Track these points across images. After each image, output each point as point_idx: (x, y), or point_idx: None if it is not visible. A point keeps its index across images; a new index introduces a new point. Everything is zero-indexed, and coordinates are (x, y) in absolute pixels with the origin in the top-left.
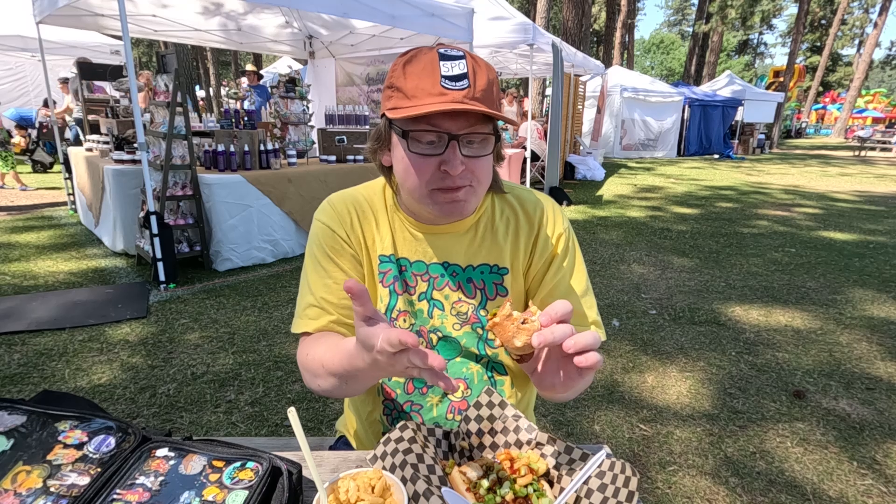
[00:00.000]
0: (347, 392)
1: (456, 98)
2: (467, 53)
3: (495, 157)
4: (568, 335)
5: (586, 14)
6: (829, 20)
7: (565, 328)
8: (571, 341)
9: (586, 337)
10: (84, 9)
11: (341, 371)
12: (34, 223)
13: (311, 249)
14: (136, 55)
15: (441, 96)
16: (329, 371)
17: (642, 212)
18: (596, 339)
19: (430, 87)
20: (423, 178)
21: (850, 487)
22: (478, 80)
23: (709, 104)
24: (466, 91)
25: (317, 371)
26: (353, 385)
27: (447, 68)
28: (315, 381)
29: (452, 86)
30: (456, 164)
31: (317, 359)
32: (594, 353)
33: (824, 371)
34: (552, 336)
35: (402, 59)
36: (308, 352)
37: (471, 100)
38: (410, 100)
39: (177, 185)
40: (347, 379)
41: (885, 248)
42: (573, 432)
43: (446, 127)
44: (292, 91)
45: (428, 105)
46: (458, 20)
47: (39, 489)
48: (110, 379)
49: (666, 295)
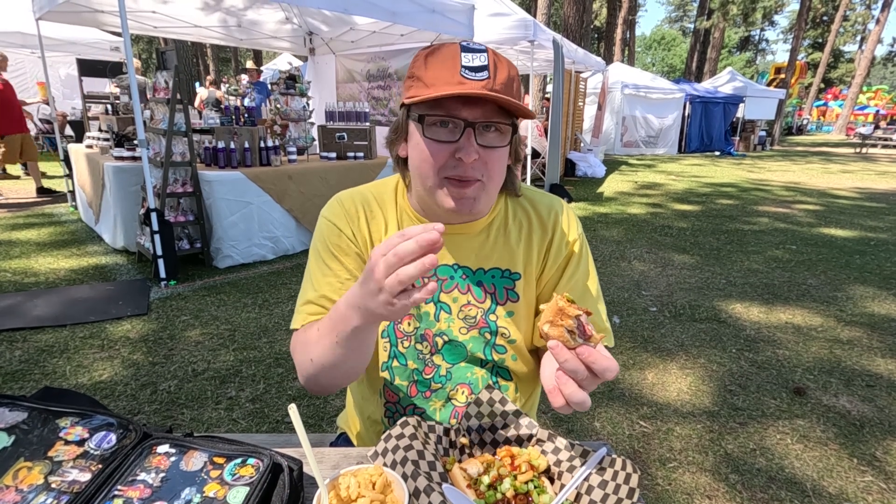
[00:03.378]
0: (340, 363)
1: (475, 88)
2: (490, 49)
3: (513, 157)
4: (572, 392)
5: (587, 10)
6: (830, 16)
7: (573, 391)
8: (568, 391)
9: (577, 395)
10: (83, 5)
11: (334, 335)
12: (35, 220)
13: (316, 246)
14: (135, 52)
15: (460, 85)
16: (324, 334)
17: (643, 209)
18: (583, 402)
19: (450, 76)
20: (436, 164)
21: (849, 484)
22: (498, 73)
23: (710, 101)
24: (486, 82)
25: (309, 340)
26: (347, 351)
27: (468, 59)
28: (307, 355)
29: (472, 76)
30: (470, 152)
31: (311, 329)
32: (579, 395)
33: (825, 368)
34: (563, 381)
35: (425, 51)
36: (305, 332)
37: (490, 90)
38: (429, 88)
39: (177, 181)
40: (340, 342)
41: (886, 245)
42: (573, 429)
43: (464, 115)
44: (292, 88)
45: (445, 90)
46: (459, 16)
47: (41, 485)
48: (111, 375)
49: (666, 292)
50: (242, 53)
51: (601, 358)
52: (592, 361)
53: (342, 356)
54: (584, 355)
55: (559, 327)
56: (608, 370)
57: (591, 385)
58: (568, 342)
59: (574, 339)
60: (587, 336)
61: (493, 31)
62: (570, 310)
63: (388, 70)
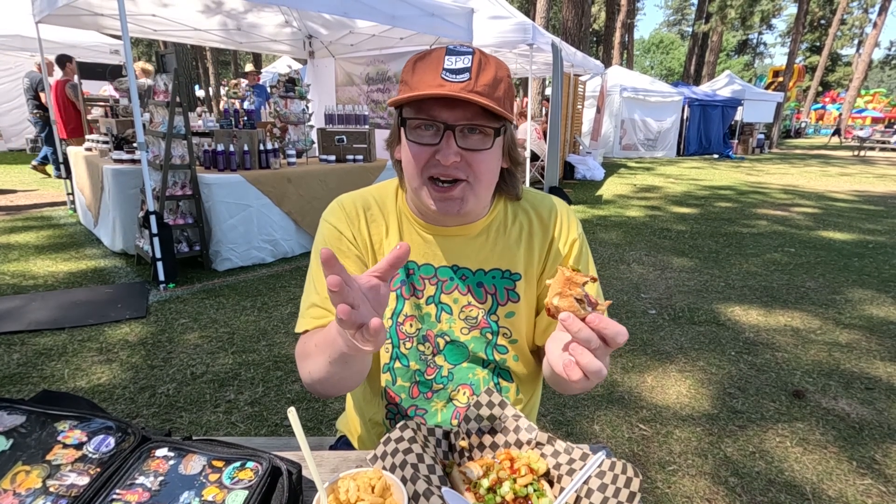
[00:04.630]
0: (335, 381)
1: (453, 89)
2: (478, 51)
3: (510, 160)
4: (589, 360)
5: (586, 14)
6: (828, 20)
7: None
8: (585, 360)
9: (594, 364)
10: (83, 8)
11: (326, 354)
12: (33, 223)
13: (318, 249)
14: (135, 55)
15: (439, 88)
16: (320, 350)
17: (642, 212)
18: (600, 370)
19: (431, 79)
20: (418, 165)
21: (849, 487)
22: (482, 75)
23: (708, 104)
24: (465, 84)
25: (308, 354)
26: (338, 372)
27: (451, 62)
28: (306, 367)
29: (452, 78)
30: (448, 154)
31: (311, 342)
32: (595, 363)
33: (823, 371)
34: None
35: (416, 56)
36: (307, 341)
37: (469, 92)
38: (413, 91)
39: (176, 184)
40: (332, 363)
41: (885, 248)
42: (573, 432)
43: (443, 118)
44: (292, 91)
45: (423, 91)
46: (458, 20)
47: (39, 489)
48: (110, 379)
49: (665, 295)
50: (242, 57)
51: (611, 323)
52: (604, 327)
53: (336, 374)
54: (595, 322)
55: (568, 297)
56: (619, 334)
57: (604, 354)
58: (578, 311)
59: (584, 307)
60: (594, 304)
61: (492, 34)
62: (578, 278)
63: (387, 73)
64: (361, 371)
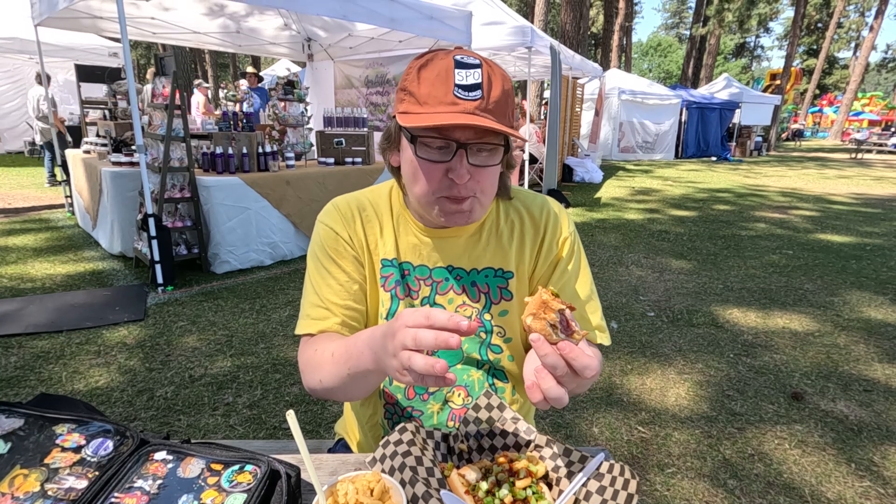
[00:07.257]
0: (347, 391)
1: (467, 108)
2: (485, 62)
3: (505, 165)
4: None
5: (584, 17)
6: (825, 23)
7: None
8: (546, 385)
9: (554, 391)
10: (83, 11)
11: (347, 367)
12: (31, 225)
13: (314, 251)
14: (134, 57)
15: (452, 106)
16: (340, 361)
17: (640, 214)
18: (560, 397)
19: (443, 95)
20: (431, 185)
21: (847, 489)
22: (492, 91)
23: (706, 107)
24: (479, 102)
25: (322, 362)
26: (355, 384)
27: (461, 77)
28: (317, 375)
29: (465, 95)
30: (462, 173)
31: (327, 350)
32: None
33: (822, 373)
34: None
35: (419, 62)
36: (316, 348)
37: (483, 111)
38: (422, 106)
39: (175, 187)
40: (352, 376)
41: (882, 251)
42: (572, 434)
43: (455, 136)
44: (291, 93)
45: (438, 115)
46: (457, 23)
47: (37, 493)
48: (108, 382)
49: (664, 297)
50: (241, 59)
51: (581, 355)
52: (573, 358)
53: (351, 386)
54: (565, 351)
55: (542, 320)
56: (587, 368)
57: (571, 382)
58: (550, 336)
59: (556, 333)
60: (570, 332)
61: (490, 37)
62: (554, 304)
63: (386, 76)
64: (378, 383)
